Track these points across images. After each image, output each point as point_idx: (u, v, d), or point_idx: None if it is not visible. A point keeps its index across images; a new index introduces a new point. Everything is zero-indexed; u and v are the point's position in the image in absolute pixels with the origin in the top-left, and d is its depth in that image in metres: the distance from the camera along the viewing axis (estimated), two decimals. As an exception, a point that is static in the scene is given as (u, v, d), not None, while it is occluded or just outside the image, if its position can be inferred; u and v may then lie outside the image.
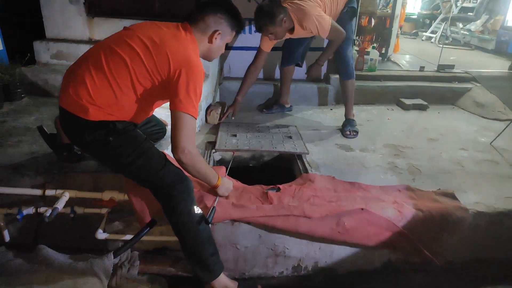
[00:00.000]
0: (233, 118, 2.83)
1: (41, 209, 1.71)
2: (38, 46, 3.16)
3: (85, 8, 3.26)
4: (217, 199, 1.71)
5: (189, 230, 1.54)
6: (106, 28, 3.29)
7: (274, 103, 3.25)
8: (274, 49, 3.49)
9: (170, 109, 1.45)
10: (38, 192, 1.73)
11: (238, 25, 1.61)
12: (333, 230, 1.71)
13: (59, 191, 1.72)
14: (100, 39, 3.26)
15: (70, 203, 1.73)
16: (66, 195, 1.70)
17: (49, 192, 1.72)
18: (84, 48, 3.07)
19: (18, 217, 1.71)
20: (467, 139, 2.83)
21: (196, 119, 1.47)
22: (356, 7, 2.74)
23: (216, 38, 1.56)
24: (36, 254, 1.54)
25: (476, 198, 1.97)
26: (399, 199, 1.87)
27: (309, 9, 2.41)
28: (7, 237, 1.82)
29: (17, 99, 2.81)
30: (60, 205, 1.63)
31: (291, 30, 2.54)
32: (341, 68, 2.83)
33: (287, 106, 3.25)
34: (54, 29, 3.27)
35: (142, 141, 1.52)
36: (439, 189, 2.03)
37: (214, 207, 1.62)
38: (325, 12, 2.50)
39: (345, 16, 2.66)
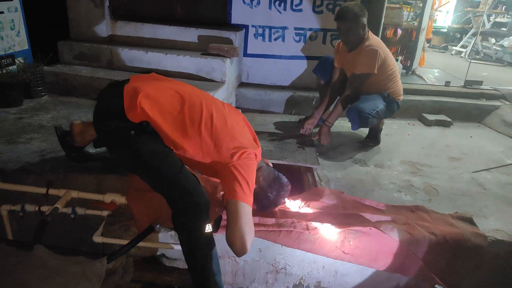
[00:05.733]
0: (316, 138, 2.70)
1: (43, 208, 1.72)
2: (62, 46, 3.24)
3: (109, 11, 3.34)
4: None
5: (199, 242, 1.43)
6: (127, 31, 3.35)
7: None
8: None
9: (227, 198, 1.40)
10: (41, 190, 1.73)
11: None
12: (338, 249, 1.61)
13: (62, 191, 1.72)
14: (122, 41, 3.33)
15: (72, 203, 1.73)
16: (68, 195, 1.70)
17: (53, 191, 1.73)
18: (105, 49, 3.13)
19: (21, 214, 1.73)
20: (492, 160, 2.66)
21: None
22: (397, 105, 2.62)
23: None
24: (33, 253, 1.53)
25: (497, 225, 1.83)
26: (412, 221, 1.76)
27: (375, 47, 2.41)
28: (9, 234, 1.83)
29: (37, 97, 2.89)
30: (60, 204, 1.63)
31: (351, 50, 2.51)
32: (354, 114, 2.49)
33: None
34: (78, 31, 3.36)
35: (161, 144, 1.43)
36: (457, 212, 1.90)
37: (220, 215, 1.55)
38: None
39: (379, 98, 2.53)
